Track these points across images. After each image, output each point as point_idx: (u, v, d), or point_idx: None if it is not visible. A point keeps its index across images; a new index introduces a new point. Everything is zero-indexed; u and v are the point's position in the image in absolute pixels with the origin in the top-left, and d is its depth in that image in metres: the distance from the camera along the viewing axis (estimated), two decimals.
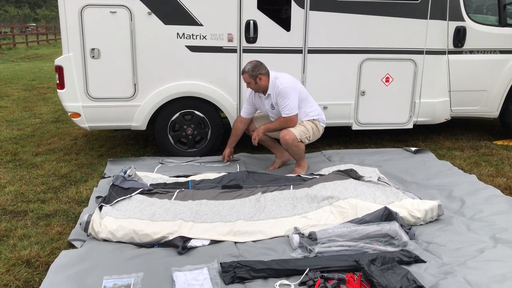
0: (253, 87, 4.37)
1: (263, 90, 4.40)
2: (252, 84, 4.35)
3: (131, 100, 4.83)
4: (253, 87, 4.38)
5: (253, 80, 4.31)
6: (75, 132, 6.31)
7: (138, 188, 3.70)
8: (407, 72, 5.33)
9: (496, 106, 5.75)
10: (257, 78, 4.30)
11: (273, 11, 4.89)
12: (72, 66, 4.64)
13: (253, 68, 4.28)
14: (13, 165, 4.88)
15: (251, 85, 4.36)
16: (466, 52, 5.49)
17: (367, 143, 5.84)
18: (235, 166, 4.71)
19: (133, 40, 4.67)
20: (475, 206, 3.65)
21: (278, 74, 4.40)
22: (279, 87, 4.29)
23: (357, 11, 5.02)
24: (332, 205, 3.47)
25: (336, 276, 2.59)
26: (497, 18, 5.59)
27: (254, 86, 4.36)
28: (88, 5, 4.51)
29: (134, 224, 3.15)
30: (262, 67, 4.32)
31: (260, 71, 4.29)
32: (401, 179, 4.36)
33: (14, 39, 24.18)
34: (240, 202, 3.62)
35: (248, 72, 4.29)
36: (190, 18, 4.72)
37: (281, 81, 4.32)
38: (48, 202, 3.89)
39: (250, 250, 2.97)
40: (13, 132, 6.25)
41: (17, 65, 16.13)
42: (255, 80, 4.31)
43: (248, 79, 4.32)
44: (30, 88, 10.36)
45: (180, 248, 2.95)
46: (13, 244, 3.13)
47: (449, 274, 2.66)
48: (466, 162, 5.03)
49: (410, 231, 3.16)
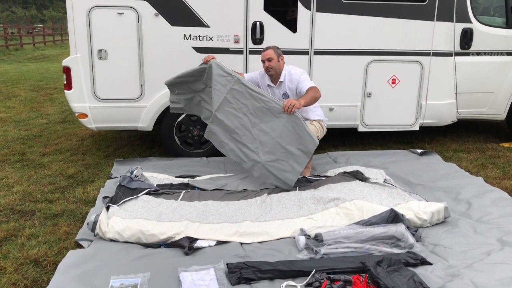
0: (274, 65, 4.24)
1: (278, 74, 4.31)
2: (275, 62, 4.24)
3: (138, 101, 4.85)
4: (273, 65, 4.24)
5: (277, 57, 4.25)
6: (82, 132, 6.35)
7: (144, 189, 3.72)
8: (414, 74, 5.32)
9: (503, 108, 5.73)
10: (279, 57, 4.28)
11: (280, 13, 4.90)
12: (79, 67, 4.67)
13: (277, 47, 4.31)
14: (20, 165, 4.91)
15: (273, 63, 4.23)
16: (473, 54, 5.47)
17: (373, 145, 5.83)
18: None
19: (140, 41, 4.70)
20: (482, 208, 3.64)
21: (291, 66, 4.41)
22: (297, 72, 4.29)
23: (364, 13, 5.02)
24: (338, 206, 3.48)
25: (342, 277, 2.59)
26: (504, 20, 5.56)
27: (275, 64, 4.24)
28: (95, 7, 4.54)
29: (141, 225, 3.16)
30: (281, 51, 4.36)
31: (281, 53, 4.32)
32: (407, 181, 4.35)
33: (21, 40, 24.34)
34: (246, 203, 3.63)
35: (274, 49, 4.26)
36: (197, 19, 4.74)
37: (296, 70, 4.35)
38: (55, 202, 3.92)
39: (256, 251, 2.98)
40: (20, 133, 6.30)
41: (24, 65, 16.24)
42: (278, 58, 4.26)
43: (273, 55, 4.22)
44: (37, 88, 10.43)
45: (186, 248, 2.96)
46: (21, 243, 3.16)
47: (455, 276, 2.65)
48: (472, 164, 5.01)
49: (416, 233, 3.16)
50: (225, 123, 4.10)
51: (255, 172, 4.07)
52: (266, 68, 4.28)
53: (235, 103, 4.08)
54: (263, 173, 4.02)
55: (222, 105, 4.09)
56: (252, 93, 4.04)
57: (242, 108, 4.07)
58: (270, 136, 3.99)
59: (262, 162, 4.00)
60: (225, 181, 4.13)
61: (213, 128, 4.17)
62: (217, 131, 4.16)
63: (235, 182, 4.12)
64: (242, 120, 4.08)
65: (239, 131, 4.08)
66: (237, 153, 4.12)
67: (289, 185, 3.93)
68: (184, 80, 4.35)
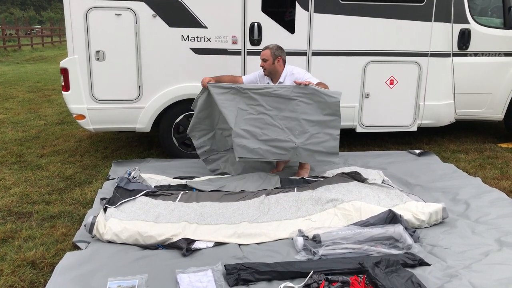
0: (267, 66, 4.20)
1: (274, 74, 4.27)
2: (269, 63, 4.19)
3: (136, 102, 4.84)
4: (267, 67, 4.21)
5: (272, 59, 4.19)
6: (79, 134, 6.34)
7: (142, 190, 3.71)
8: (412, 74, 5.33)
9: (501, 109, 5.73)
10: (276, 59, 4.20)
11: (278, 14, 4.90)
12: (77, 68, 4.66)
13: (277, 48, 4.22)
14: (18, 166, 4.90)
15: (267, 64, 4.20)
16: (471, 54, 5.48)
17: (371, 146, 5.83)
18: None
19: (138, 42, 4.69)
20: (480, 209, 3.64)
21: (293, 67, 4.36)
22: (300, 72, 4.26)
23: (362, 14, 5.02)
24: (336, 207, 3.47)
25: (340, 278, 2.59)
26: (502, 21, 5.57)
27: (269, 66, 4.20)
28: (93, 8, 4.53)
29: (139, 226, 3.15)
30: (283, 52, 4.26)
31: (281, 54, 4.23)
32: (405, 182, 4.35)
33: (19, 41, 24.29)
34: (244, 204, 3.63)
35: (272, 49, 4.19)
36: (195, 20, 4.74)
37: (299, 70, 4.32)
38: (53, 203, 3.91)
39: (254, 252, 2.97)
40: (18, 134, 6.28)
41: (22, 67, 16.22)
42: (274, 60, 4.19)
43: (268, 56, 4.18)
44: (35, 90, 10.42)
45: (184, 250, 2.96)
46: (18, 245, 3.15)
47: (454, 277, 2.65)
48: (470, 165, 5.01)
49: (414, 234, 3.16)
50: (250, 130, 4.11)
51: (300, 158, 4.13)
52: (261, 66, 4.28)
53: (250, 108, 4.12)
54: (306, 154, 4.08)
55: (239, 117, 4.10)
56: (257, 92, 4.10)
57: (258, 109, 4.11)
58: (294, 118, 4.06)
59: (299, 145, 4.06)
60: (223, 182, 4.13)
61: (239, 141, 4.10)
62: (244, 142, 4.11)
63: (233, 183, 4.11)
64: (263, 119, 4.11)
65: (265, 131, 4.11)
66: (273, 150, 4.13)
67: (335, 153, 4.05)
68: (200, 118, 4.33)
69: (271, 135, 4.11)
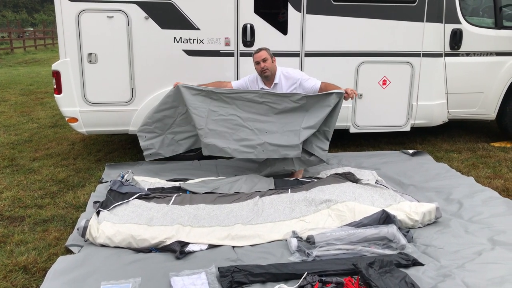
0: (269, 65, 4.27)
1: (272, 75, 4.33)
2: (269, 62, 4.27)
3: (129, 104, 4.82)
4: (269, 66, 4.27)
5: (271, 57, 4.30)
6: (72, 137, 6.30)
7: (135, 193, 3.69)
8: (404, 74, 5.35)
9: (493, 108, 5.77)
10: (272, 59, 4.33)
11: (270, 15, 4.90)
12: (69, 71, 4.63)
13: (268, 49, 4.35)
14: (10, 170, 4.86)
15: (268, 63, 4.26)
16: (463, 54, 5.50)
17: (364, 146, 5.84)
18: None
19: (130, 44, 4.67)
20: (473, 208, 3.66)
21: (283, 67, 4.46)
22: (295, 72, 4.40)
23: (354, 14, 5.04)
24: (330, 208, 3.47)
25: (334, 280, 2.59)
26: (493, 21, 5.60)
27: (271, 65, 4.28)
28: (85, 10, 4.51)
29: (132, 229, 3.14)
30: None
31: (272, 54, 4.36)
32: (399, 182, 4.36)
33: (11, 44, 24.13)
34: (238, 206, 3.62)
35: (267, 50, 4.31)
36: (187, 22, 4.73)
37: (293, 70, 4.45)
38: (45, 207, 3.88)
39: (248, 254, 2.97)
40: (10, 137, 6.24)
41: (14, 70, 16.12)
42: (271, 58, 4.31)
43: (267, 55, 4.26)
44: (27, 93, 10.35)
45: (178, 253, 2.94)
46: (10, 250, 3.12)
47: (447, 276, 2.66)
48: (463, 164, 5.04)
49: (408, 234, 3.16)
50: (219, 130, 4.23)
51: (265, 154, 4.18)
52: (262, 69, 4.28)
53: (220, 110, 4.26)
54: (271, 149, 4.14)
55: (209, 118, 4.23)
56: (229, 96, 4.26)
57: (228, 111, 4.25)
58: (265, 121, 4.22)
59: (266, 140, 4.16)
60: (217, 184, 4.12)
61: (208, 141, 4.22)
62: (213, 141, 4.21)
63: (227, 185, 4.10)
64: (233, 120, 4.25)
65: (235, 131, 4.22)
66: (241, 149, 4.20)
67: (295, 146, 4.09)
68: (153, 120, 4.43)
69: (240, 135, 4.22)
